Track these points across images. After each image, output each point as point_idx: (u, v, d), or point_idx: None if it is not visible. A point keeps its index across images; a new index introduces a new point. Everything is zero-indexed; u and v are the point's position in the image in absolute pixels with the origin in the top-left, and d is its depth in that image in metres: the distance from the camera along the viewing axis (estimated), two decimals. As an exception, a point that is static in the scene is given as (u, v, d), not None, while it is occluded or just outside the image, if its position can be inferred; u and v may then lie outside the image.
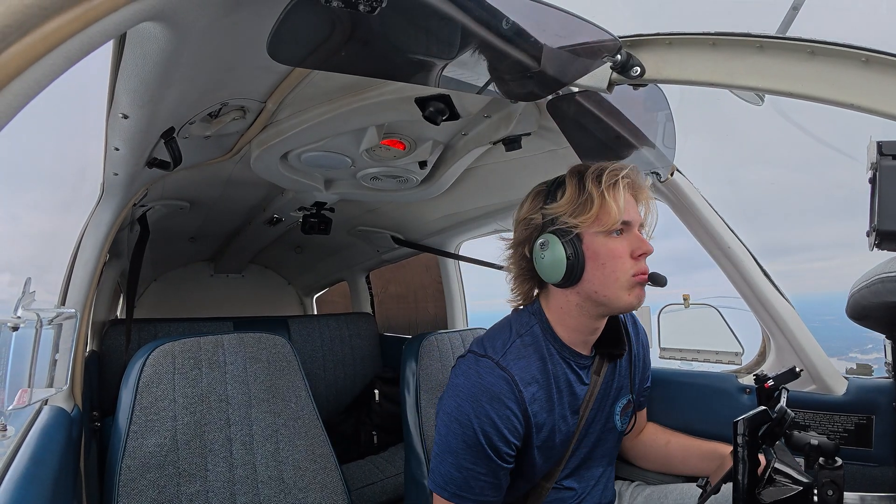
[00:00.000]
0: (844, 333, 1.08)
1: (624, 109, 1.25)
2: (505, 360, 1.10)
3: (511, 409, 1.06)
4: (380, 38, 0.83)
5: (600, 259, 1.07)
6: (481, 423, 1.04)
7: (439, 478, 1.09)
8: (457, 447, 1.06)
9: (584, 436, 1.24)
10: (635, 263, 1.08)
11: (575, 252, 1.07)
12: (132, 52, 0.79)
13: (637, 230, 1.11)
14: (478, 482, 1.07)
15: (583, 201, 1.07)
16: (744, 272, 1.43)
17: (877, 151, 0.68)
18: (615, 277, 1.07)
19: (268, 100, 1.23)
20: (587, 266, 1.08)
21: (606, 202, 1.05)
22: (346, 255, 3.35)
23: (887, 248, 0.69)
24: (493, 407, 1.05)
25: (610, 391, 1.25)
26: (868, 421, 1.27)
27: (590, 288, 1.09)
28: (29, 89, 0.47)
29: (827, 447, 0.86)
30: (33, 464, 0.92)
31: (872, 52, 0.73)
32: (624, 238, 1.09)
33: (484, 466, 1.06)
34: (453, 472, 1.07)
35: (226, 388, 1.44)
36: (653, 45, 0.95)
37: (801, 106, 0.87)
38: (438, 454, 1.11)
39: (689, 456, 1.38)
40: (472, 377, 1.09)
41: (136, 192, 1.49)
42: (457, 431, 1.06)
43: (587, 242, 1.08)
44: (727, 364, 1.66)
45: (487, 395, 1.06)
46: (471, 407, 1.06)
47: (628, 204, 1.09)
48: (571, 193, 1.09)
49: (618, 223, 1.06)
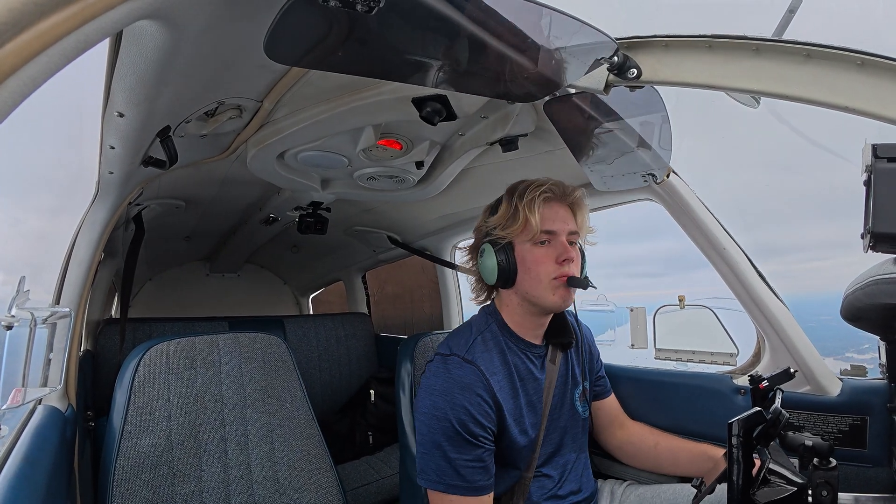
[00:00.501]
0: (842, 333, 1.09)
1: (620, 111, 1.25)
2: (470, 354, 1.23)
3: (482, 396, 1.17)
4: (377, 38, 0.83)
5: (527, 264, 1.25)
6: (457, 414, 1.15)
7: (432, 473, 1.16)
8: (440, 440, 1.15)
9: (553, 421, 1.34)
10: (558, 268, 1.24)
11: (506, 259, 1.26)
12: (128, 50, 0.79)
13: (564, 238, 1.26)
14: (467, 469, 1.14)
15: (511, 215, 1.26)
16: (739, 273, 1.44)
17: (871, 154, 0.68)
18: (539, 280, 1.24)
19: (264, 99, 1.23)
20: (519, 270, 1.26)
21: (528, 216, 1.23)
22: (343, 254, 3.34)
23: (882, 250, 0.70)
24: (466, 396, 1.16)
25: (567, 379, 1.39)
26: (862, 422, 1.28)
27: (522, 289, 1.28)
28: (24, 87, 0.46)
29: (821, 448, 0.86)
30: (27, 464, 0.91)
31: (868, 55, 0.73)
32: (550, 246, 1.26)
33: (468, 453, 1.15)
34: (443, 465, 1.15)
35: (221, 388, 1.43)
36: (649, 47, 0.95)
37: (796, 108, 0.88)
38: (425, 452, 1.18)
39: (678, 458, 1.39)
40: (441, 375, 1.21)
41: (131, 190, 1.48)
42: (436, 427, 1.15)
43: (518, 250, 1.27)
44: (722, 365, 1.67)
45: (459, 386, 1.17)
46: (445, 401, 1.16)
47: (553, 215, 1.26)
48: (504, 209, 1.29)
49: (538, 233, 1.23)
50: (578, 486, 1.36)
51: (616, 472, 1.70)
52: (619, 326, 2.20)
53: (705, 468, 1.29)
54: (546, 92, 1.11)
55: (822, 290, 58.86)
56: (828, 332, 1.48)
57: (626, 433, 1.51)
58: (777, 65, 0.83)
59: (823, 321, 1.62)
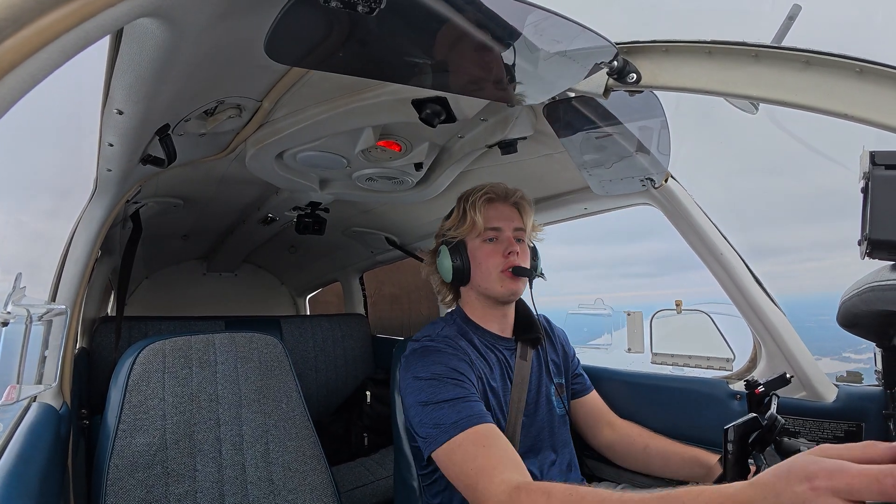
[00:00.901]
0: (840, 334, 1.09)
1: (619, 115, 1.25)
2: (439, 337, 1.33)
3: (457, 354, 1.26)
4: (378, 40, 0.83)
5: (477, 259, 1.37)
6: (437, 369, 1.20)
7: (427, 432, 1.15)
8: (429, 395, 1.17)
9: (529, 416, 1.37)
10: (504, 260, 1.34)
11: (460, 256, 1.38)
12: (128, 47, 0.79)
13: (510, 233, 1.37)
14: (462, 404, 1.14)
15: (461, 217, 1.39)
16: (735, 279, 1.44)
17: (869, 161, 0.68)
18: (489, 273, 1.35)
19: (264, 98, 1.23)
20: (472, 266, 1.38)
21: (473, 216, 1.35)
22: (340, 255, 3.34)
23: (879, 256, 0.70)
24: (442, 357, 1.24)
25: (542, 375, 1.44)
26: (858, 428, 1.28)
27: (475, 283, 1.38)
28: (24, 83, 0.46)
29: (816, 454, 0.86)
30: (20, 461, 0.91)
31: (867, 63, 0.73)
32: (497, 242, 1.36)
33: (457, 391, 1.17)
34: (435, 413, 1.15)
35: (216, 388, 1.43)
36: (649, 52, 0.96)
37: (795, 115, 0.88)
38: (419, 419, 1.18)
39: (669, 461, 1.39)
40: (417, 353, 1.28)
41: (129, 188, 1.48)
42: (422, 387, 1.19)
43: (469, 248, 1.38)
44: (718, 370, 1.67)
45: (434, 352, 1.26)
46: (423, 368, 1.22)
47: (496, 214, 1.37)
48: (455, 213, 1.42)
49: (483, 230, 1.36)
50: (563, 481, 1.36)
51: (609, 475, 1.70)
52: (615, 330, 2.21)
53: (697, 474, 1.28)
54: (546, 96, 1.11)
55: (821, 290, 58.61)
56: (826, 332, 1.49)
57: (616, 433, 1.51)
58: (776, 71, 0.83)
59: (822, 321, 1.63)
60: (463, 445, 1.09)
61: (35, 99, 0.50)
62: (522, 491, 0.93)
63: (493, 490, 0.98)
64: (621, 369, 1.77)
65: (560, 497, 0.87)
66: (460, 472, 1.07)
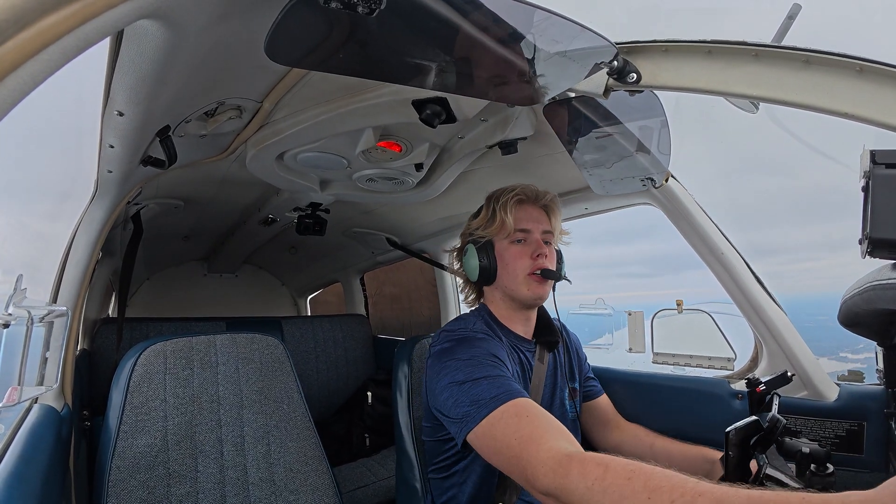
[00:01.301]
0: (837, 334, 1.09)
1: (620, 115, 1.25)
2: (474, 329, 1.32)
3: (495, 339, 1.29)
4: (378, 40, 0.83)
5: (504, 260, 1.36)
6: (475, 352, 1.18)
7: (466, 409, 1.07)
8: (466, 375, 1.12)
9: None
10: (532, 263, 1.34)
11: (487, 256, 1.37)
12: (129, 49, 0.79)
13: (538, 236, 1.37)
14: (499, 379, 1.10)
15: (489, 217, 1.38)
16: (736, 278, 1.44)
17: (870, 160, 0.68)
18: (515, 274, 1.34)
19: (264, 99, 1.23)
20: (498, 267, 1.37)
21: (503, 216, 1.34)
22: (341, 256, 3.34)
23: (879, 255, 0.70)
24: (482, 342, 1.23)
25: (556, 379, 1.44)
26: (860, 427, 1.28)
27: (502, 283, 1.38)
28: (25, 85, 0.46)
29: (818, 454, 0.86)
30: (22, 463, 0.91)
31: (867, 62, 0.73)
32: (525, 244, 1.36)
33: (494, 370, 1.13)
34: (475, 391, 1.08)
35: (217, 389, 1.43)
36: (649, 52, 0.96)
37: (795, 114, 0.88)
38: (456, 401, 1.10)
39: (673, 459, 1.38)
40: (456, 332, 1.29)
41: (129, 189, 1.48)
42: (464, 368, 1.14)
43: (497, 248, 1.37)
44: (719, 369, 1.67)
45: (472, 338, 1.25)
46: (465, 350, 1.19)
47: (526, 216, 1.36)
48: (484, 212, 1.41)
49: (513, 231, 1.35)
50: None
51: None
52: (616, 330, 2.21)
53: (703, 470, 1.28)
54: (546, 96, 1.11)
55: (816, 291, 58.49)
56: (824, 332, 1.49)
57: (622, 434, 1.51)
58: (776, 71, 0.83)
59: (820, 321, 1.63)
60: (504, 419, 1.00)
61: (35, 101, 0.50)
62: (575, 460, 0.82)
63: (542, 457, 0.87)
64: (623, 369, 1.77)
65: (620, 472, 0.74)
66: (502, 445, 0.97)
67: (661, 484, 0.68)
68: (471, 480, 1.29)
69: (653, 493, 0.67)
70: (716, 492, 0.63)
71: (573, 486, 0.78)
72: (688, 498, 0.63)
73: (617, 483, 0.72)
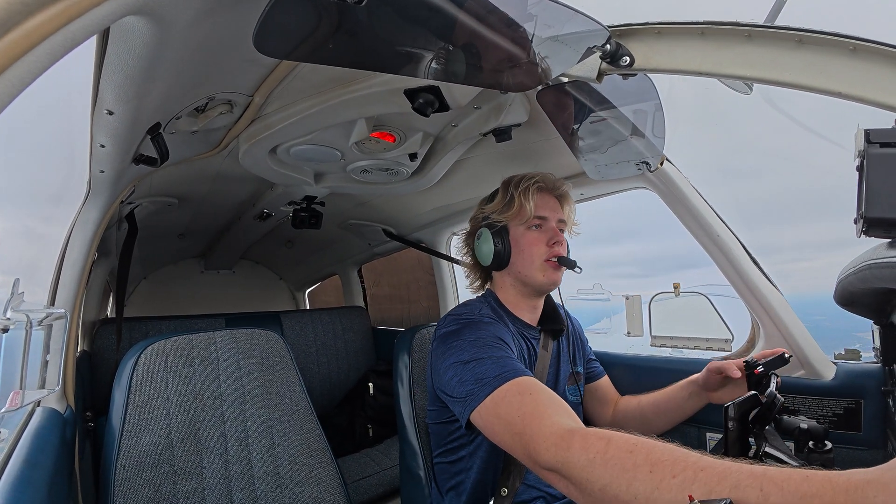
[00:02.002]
0: (830, 334, 1.11)
1: (613, 99, 1.25)
2: (480, 314, 1.32)
3: (502, 324, 1.30)
4: (367, 30, 0.82)
5: (520, 246, 1.36)
6: (486, 331, 1.21)
7: (471, 388, 1.08)
8: (471, 354, 1.14)
9: None
10: (549, 250, 1.35)
11: (502, 241, 1.37)
12: (116, 47, 0.78)
13: (554, 224, 1.38)
14: (505, 360, 1.11)
15: (507, 202, 1.38)
16: (733, 260, 1.45)
17: (864, 139, 0.68)
18: (531, 260, 1.35)
19: (255, 93, 1.21)
20: (513, 252, 1.37)
21: (523, 202, 1.34)
22: (338, 248, 3.34)
23: (875, 234, 0.70)
24: (488, 325, 1.24)
25: (559, 366, 1.45)
26: (857, 405, 1.29)
27: (515, 269, 1.38)
28: (12, 87, 0.46)
29: (816, 431, 0.87)
30: (28, 466, 0.91)
31: (860, 41, 0.73)
32: (541, 230, 1.37)
33: (500, 350, 1.15)
34: (480, 371, 1.09)
35: (219, 385, 1.43)
36: (642, 35, 0.95)
37: (790, 95, 0.88)
38: (461, 380, 1.12)
39: (658, 405, 1.43)
40: (463, 316, 1.30)
41: (123, 189, 1.47)
42: (470, 348, 1.16)
43: (512, 234, 1.37)
44: (717, 351, 1.68)
45: (478, 321, 1.26)
46: (472, 332, 1.21)
47: (544, 203, 1.37)
48: (500, 197, 1.40)
49: (531, 218, 1.35)
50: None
51: None
52: (614, 315, 2.22)
53: (687, 393, 1.36)
54: (539, 81, 1.10)
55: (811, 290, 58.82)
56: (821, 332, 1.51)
57: (616, 408, 1.55)
58: (769, 51, 0.83)
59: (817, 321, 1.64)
60: (508, 397, 1.01)
61: (24, 103, 0.49)
62: (577, 435, 0.82)
63: (544, 432, 0.88)
64: (622, 353, 1.78)
65: (622, 446, 0.74)
66: (505, 423, 0.98)
67: (664, 458, 0.68)
68: (476, 466, 1.30)
69: (654, 467, 0.67)
70: (718, 467, 0.62)
71: (575, 460, 0.79)
72: (689, 472, 0.63)
73: (619, 456, 0.73)
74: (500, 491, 1.29)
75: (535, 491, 1.31)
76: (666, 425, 1.45)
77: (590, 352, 1.63)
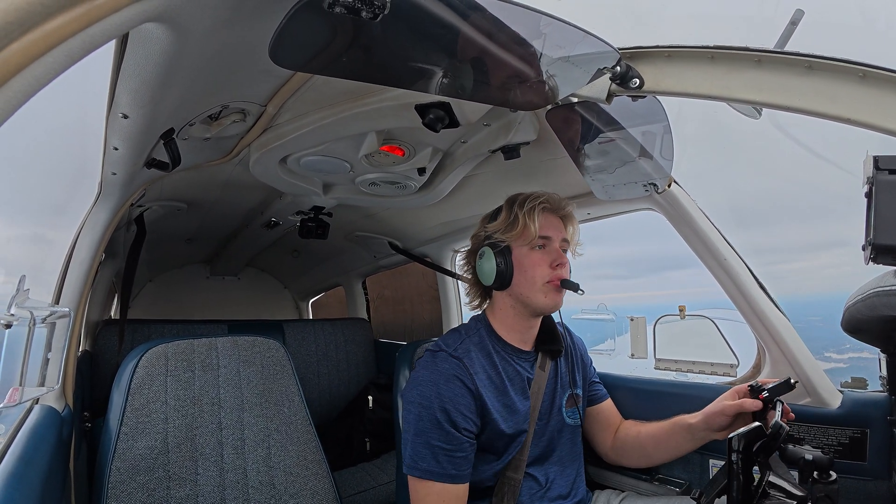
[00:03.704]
0: (822, 334, 1.09)
1: (622, 121, 1.25)
2: (457, 352, 1.31)
3: (466, 387, 1.25)
4: (381, 45, 0.84)
5: (523, 267, 1.33)
6: (441, 402, 1.22)
7: (410, 459, 1.22)
8: (423, 427, 1.22)
9: (541, 426, 1.38)
10: (551, 271, 1.33)
11: (504, 261, 1.34)
12: (134, 52, 0.79)
13: (558, 244, 1.36)
14: (444, 457, 1.20)
15: (511, 222, 1.35)
16: (739, 284, 1.44)
17: (873, 166, 0.68)
18: (533, 282, 1.33)
19: (268, 103, 1.23)
20: (515, 272, 1.34)
21: (527, 222, 1.32)
22: (343, 260, 3.34)
23: (883, 262, 0.69)
24: (449, 387, 1.24)
25: (556, 387, 1.44)
26: (863, 434, 1.27)
27: (517, 290, 1.35)
28: (29, 87, 0.47)
29: (821, 461, 0.86)
30: (23, 463, 0.91)
31: (869, 68, 0.73)
32: (545, 251, 1.35)
33: (449, 443, 1.21)
34: (422, 451, 1.21)
35: (218, 392, 1.43)
36: (652, 58, 0.96)
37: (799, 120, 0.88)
38: (409, 440, 1.24)
39: (658, 439, 1.40)
40: (429, 367, 1.29)
41: (133, 192, 1.48)
42: (422, 414, 1.23)
43: (515, 254, 1.35)
44: (722, 376, 1.66)
45: (444, 377, 1.25)
46: (431, 391, 1.24)
47: (548, 224, 1.35)
48: (504, 216, 1.37)
49: (536, 238, 1.33)
50: (568, 491, 1.38)
51: (614, 482, 1.69)
52: (619, 336, 2.20)
53: (684, 437, 1.33)
54: (548, 100, 1.11)
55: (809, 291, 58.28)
56: (814, 332, 1.50)
57: (619, 433, 1.52)
58: (779, 76, 0.83)
59: (811, 322, 1.63)
60: (428, 490, 1.21)
61: (40, 103, 0.50)
62: None
63: None
64: (626, 375, 1.77)
65: None
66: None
67: None
68: (469, 486, 1.29)
69: None
70: None
71: None
72: None
73: None
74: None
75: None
76: (665, 459, 1.43)
77: (593, 374, 1.59)
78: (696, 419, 1.28)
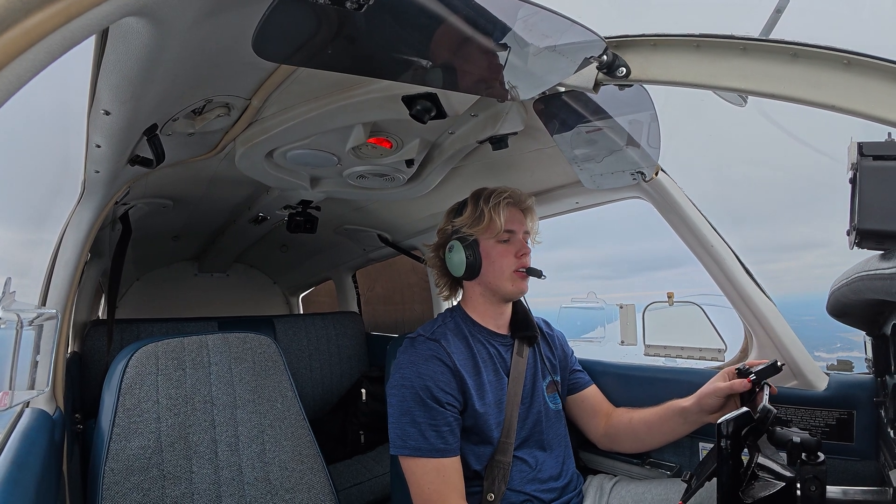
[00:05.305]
0: (815, 333, 1.12)
1: (609, 109, 1.26)
2: (434, 335, 1.39)
3: (445, 365, 1.32)
4: (367, 36, 0.83)
5: (491, 258, 1.43)
6: (422, 381, 1.29)
7: (398, 439, 1.28)
8: (407, 407, 1.28)
9: (525, 410, 1.43)
10: (517, 261, 1.43)
11: (473, 253, 1.43)
12: (114, 47, 0.78)
13: (521, 236, 1.46)
14: (431, 432, 1.25)
15: (477, 216, 1.43)
16: (726, 270, 1.45)
17: (857, 152, 0.69)
18: (502, 271, 1.42)
19: (253, 97, 1.22)
20: (483, 264, 1.43)
21: (493, 217, 1.40)
22: (333, 253, 3.33)
23: (867, 246, 0.71)
24: (429, 367, 1.31)
25: (536, 372, 1.50)
26: (849, 416, 1.30)
27: (485, 279, 1.45)
28: (10, 84, 0.46)
29: (809, 443, 0.87)
30: (15, 467, 0.90)
31: (854, 55, 0.74)
32: (510, 243, 1.44)
33: (434, 418, 1.27)
34: (408, 429, 1.26)
35: (210, 389, 1.42)
36: (638, 46, 0.96)
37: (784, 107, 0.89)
38: (394, 421, 1.30)
39: (651, 424, 1.43)
40: (409, 352, 1.36)
41: (117, 189, 1.46)
42: (405, 395, 1.29)
43: (483, 246, 1.44)
44: (710, 360, 1.69)
45: (422, 358, 1.33)
46: (411, 371, 1.31)
47: (513, 217, 1.44)
48: (470, 211, 1.45)
49: (502, 232, 1.41)
50: (558, 472, 1.42)
51: (605, 467, 1.71)
52: (608, 324, 2.22)
53: (677, 422, 1.36)
54: (536, 90, 1.11)
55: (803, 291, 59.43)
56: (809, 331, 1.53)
57: (608, 420, 1.55)
58: (764, 64, 0.84)
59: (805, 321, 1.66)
60: (423, 468, 1.25)
61: (20, 100, 0.49)
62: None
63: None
64: (615, 362, 1.79)
65: None
66: (417, 487, 1.26)
67: None
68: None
69: None
70: None
71: None
72: None
73: None
74: (486, 496, 1.30)
75: (522, 495, 1.33)
76: (657, 444, 1.46)
77: (574, 362, 1.65)
78: (689, 402, 1.32)
